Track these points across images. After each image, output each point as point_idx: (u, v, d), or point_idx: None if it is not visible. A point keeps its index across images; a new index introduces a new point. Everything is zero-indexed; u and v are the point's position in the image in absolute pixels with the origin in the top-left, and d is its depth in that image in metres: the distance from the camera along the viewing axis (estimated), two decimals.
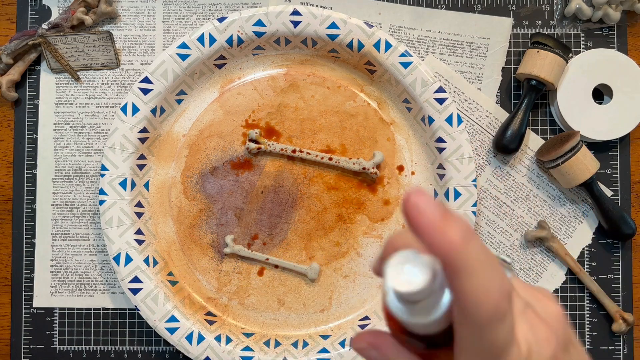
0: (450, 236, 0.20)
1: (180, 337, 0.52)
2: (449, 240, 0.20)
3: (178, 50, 0.53)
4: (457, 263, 0.20)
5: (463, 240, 0.20)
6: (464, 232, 0.20)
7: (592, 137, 0.55)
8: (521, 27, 0.57)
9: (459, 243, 0.20)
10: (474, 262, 0.20)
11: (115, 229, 0.52)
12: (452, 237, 0.20)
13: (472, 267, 0.20)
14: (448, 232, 0.20)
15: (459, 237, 0.20)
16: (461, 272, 0.20)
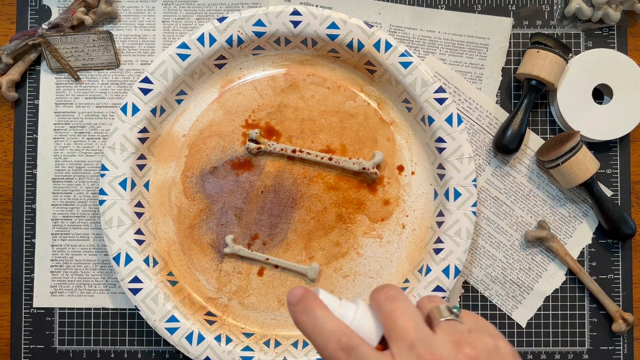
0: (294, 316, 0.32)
1: (180, 337, 0.52)
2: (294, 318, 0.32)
3: (178, 50, 0.53)
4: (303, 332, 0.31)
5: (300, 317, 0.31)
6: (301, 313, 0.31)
7: (592, 137, 0.55)
8: (521, 27, 0.57)
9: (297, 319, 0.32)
10: (307, 332, 0.31)
11: (115, 229, 0.52)
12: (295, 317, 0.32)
13: (308, 334, 0.31)
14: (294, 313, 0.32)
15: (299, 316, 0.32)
16: (306, 337, 0.31)
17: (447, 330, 0.31)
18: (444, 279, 0.52)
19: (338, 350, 0.30)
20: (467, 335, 0.31)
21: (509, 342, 0.32)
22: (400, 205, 0.55)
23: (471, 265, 0.56)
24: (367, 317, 0.32)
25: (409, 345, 0.29)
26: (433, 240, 0.53)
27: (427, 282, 0.52)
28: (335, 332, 0.30)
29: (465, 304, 0.56)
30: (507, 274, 0.56)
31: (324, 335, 0.30)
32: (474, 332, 0.31)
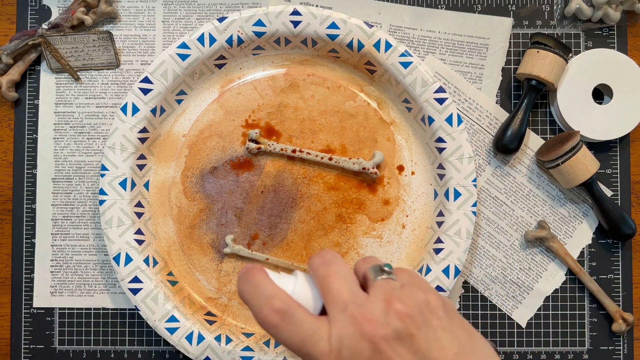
0: (238, 288, 0.33)
1: (180, 337, 0.52)
2: (238, 291, 0.33)
3: (178, 50, 0.53)
4: (244, 300, 0.33)
5: (242, 286, 0.33)
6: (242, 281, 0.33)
7: (592, 137, 0.55)
8: (521, 27, 0.57)
9: (240, 290, 0.33)
10: (246, 297, 0.32)
11: (115, 229, 0.52)
12: (238, 288, 0.33)
13: (247, 301, 0.32)
14: (238, 286, 0.33)
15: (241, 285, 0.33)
16: (246, 304, 0.32)
17: (380, 288, 0.32)
18: (444, 279, 0.52)
19: (272, 314, 0.30)
20: (398, 291, 0.31)
21: (440, 295, 0.33)
22: (400, 205, 0.55)
23: (471, 265, 0.56)
24: (306, 288, 0.33)
25: (342, 308, 0.30)
26: (433, 240, 0.53)
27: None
28: (271, 296, 0.31)
29: (465, 304, 0.56)
30: (507, 274, 0.56)
31: (260, 300, 0.31)
32: (405, 287, 0.32)
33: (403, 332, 0.30)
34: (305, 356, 0.31)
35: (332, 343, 0.30)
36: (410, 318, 0.30)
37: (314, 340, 0.30)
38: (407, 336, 0.30)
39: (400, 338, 0.30)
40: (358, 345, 0.29)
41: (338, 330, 0.30)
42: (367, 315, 0.30)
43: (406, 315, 0.30)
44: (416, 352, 0.30)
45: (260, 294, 0.31)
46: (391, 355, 0.29)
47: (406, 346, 0.30)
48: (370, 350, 0.29)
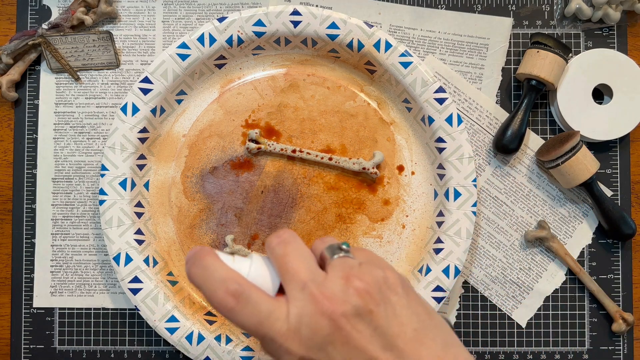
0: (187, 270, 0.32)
1: (180, 337, 0.52)
2: (188, 274, 0.32)
3: (178, 50, 0.53)
4: (195, 284, 0.31)
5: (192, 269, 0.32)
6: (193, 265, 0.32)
7: (592, 137, 0.55)
8: (521, 27, 0.57)
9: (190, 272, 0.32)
10: (198, 281, 0.31)
11: (115, 229, 0.52)
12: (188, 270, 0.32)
13: (199, 284, 0.31)
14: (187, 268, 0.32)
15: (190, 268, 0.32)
16: (198, 289, 0.32)
17: (338, 267, 0.32)
18: (444, 278, 0.52)
19: (227, 297, 0.30)
20: (357, 269, 0.31)
21: (398, 273, 0.33)
22: (400, 205, 0.55)
23: (471, 265, 0.56)
24: (263, 269, 0.32)
25: (301, 287, 0.30)
26: (433, 240, 0.53)
27: (427, 282, 0.52)
28: (225, 279, 0.31)
29: (465, 304, 0.56)
30: (507, 274, 0.56)
31: (213, 283, 0.31)
32: (363, 265, 0.32)
33: (362, 309, 0.30)
34: (262, 337, 0.30)
35: (290, 322, 0.30)
36: (369, 295, 0.30)
37: (270, 320, 0.30)
38: (367, 312, 0.30)
39: (359, 314, 0.30)
40: (317, 322, 0.29)
41: (297, 309, 0.30)
42: (326, 292, 0.30)
43: (365, 292, 0.30)
44: (376, 328, 0.30)
45: (212, 277, 0.31)
46: (350, 331, 0.30)
47: (365, 322, 0.30)
48: (330, 327, 0.29)
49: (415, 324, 0.31)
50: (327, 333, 0.29)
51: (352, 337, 0.30)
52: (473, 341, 0.55)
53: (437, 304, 0.52)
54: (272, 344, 0.30)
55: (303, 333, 0.30)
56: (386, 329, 0.30)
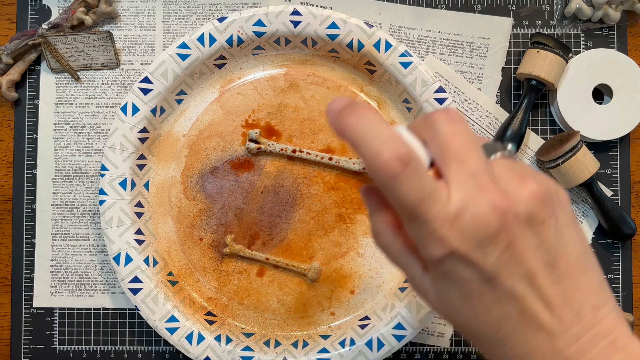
0: (340, 120, 0.27)
1: (180, 337, 0.52)
2: (339, 124, 0.27)
3: (178, 50, 0.53)
4: (349, 138, 0.26)
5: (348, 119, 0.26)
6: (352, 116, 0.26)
7: (592, 137, 0.55)
8: (521, 27, 0.57)
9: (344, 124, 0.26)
10: (357, 135, 0.26)
11: (115, 229, 0.52)
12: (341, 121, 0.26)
13: (357, 139, 0.26)
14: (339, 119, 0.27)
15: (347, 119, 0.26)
16: (353, 144, 0.26)
17: (507, 166, 0.27)
18: None
19: (394, 160, 0.25)
20: (530, 171, 0.27)
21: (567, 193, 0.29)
22: None
23: None
24: (417, 143, 0.27)
25: (470, 173, 0.26)
26: None
27: None
28: (394, 138, 0.25)
29: None
30: None
31: (379, 140, 0.25)
32: (533, 171, 0.28)
33: (535, 216, 0.26)
34: (416, 217, 0.26)
35: (452, 207, 0.25)
36: (543, 203, 0.26)
37: (432, 199, 0.25)
38: (539, 222, 0.26)
39: (531, 221, 0.26)
40: (486, 216, 0.25)
41: (463, 194, 0.25)
42: (498, 187, 0.26)
43: (541, 198, 0.26)
44: (542, 242, 0.26)
45: (378, 134, 0.25)
46: (518, 237, 0.26)
47: (534, 232, 0.26)
48: (498, 225, 0.25)
49: (580, 249, 0.28)
50: (493, 230, 0.25)
51: (518, 243, 0.26)
52: None
53: None
54: (424, 228, 0.26)
55: (466, 222, 0.25)
56: (553, 245, 0.27)
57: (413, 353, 0.56)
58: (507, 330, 0.27)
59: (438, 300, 0.29)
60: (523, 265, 0.26)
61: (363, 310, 0.54)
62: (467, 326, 0.28)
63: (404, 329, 0.51)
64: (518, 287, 0.26)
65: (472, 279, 0.26)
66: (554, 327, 0.27)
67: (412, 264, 0.29)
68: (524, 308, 0.27)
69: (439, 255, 0.26)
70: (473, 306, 0.27)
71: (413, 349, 0.56)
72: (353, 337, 0.52)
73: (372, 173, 0.26)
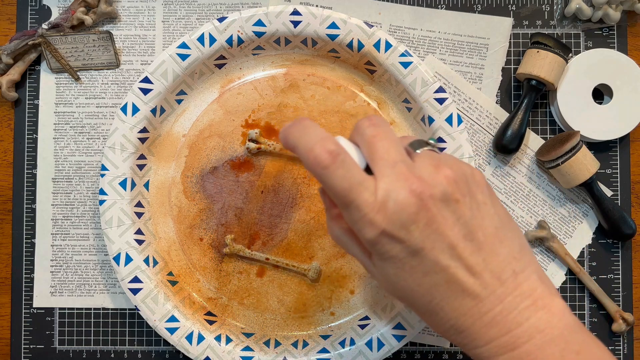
0: (284, 132, 0.33)
1: (180, 337, 0.52)
2: (283, 136, 0.33)
3: (178, 50, 0.53)
4: (289, 145, 0.32)
5: (289, 130, 0.32)
6: (291, 128, 0.32)
7: (592, 137, 0.55)
8: (521, 27, 0.57)
9: (287, 133, 0.32)
10: (295, 139, 0.31)
11: (115, 229, 0.53)
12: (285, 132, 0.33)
13: (295, 142, 0.31)
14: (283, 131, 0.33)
15: (288, 129, 0.32)
16: (293, 148, 0.32)
17: (426, 156, 0.32)
18: None
19: (324, 153, 0.30)
20: (445, 160, 0.32)
21: (483, 174, 0.34)
22: None
23: None
24: (351, 147, 0.33)
25: (391, 165, 0.31)
26: None
27: None
28: (324, 138, 0.31)
29: None
30: None
31: (312, 139, 0.31)
32: (450, 159, 0.32)
33: (450, 196, 0.30)
34: (348, 204, 0.30)
35: (378, 195, 0.30)
36: (457, 184, 0.31)
37: (361, 188, 0.30)
38: (453, 200, 0.30)
39: (446, 200, 0.30)
40: (405, 199, 0.30)
41: (385, 184, 0.30)
42: (416, 173, 0.30)
43: (454, 181, 0.31)
44: (459, 217, 0.31)
45: (312, 135, 0.31)
46: (436, 214, 0.30)
47: (451, 209, 0.30)
48: (417, 206, 0.30)
49: (497, 223, 0.32)
50: (413, 211, 0.30)
51: (437, 220, 0.30)
52: None
53: None
54: (357, 213, 0.30)
55: (390, 207, 0.30)
56: (469, 220, 0.31)
57: (413, 353, 0.56)
58: (439, 298, 0.31)
59: (381, 278, 0.33)
60: (443, 238, 0.30)
61: (363, 310, 0.54)
62: (405, 298, 0.33)
63: (404, 329, 0.51)
64: (441, 258, 0.30)
65: (402, 255, 0.31)
66: (478, 291, 0.31)
67: (359, 251, 0.34)
68: (449, 276, 0.31)
69: (372, 236, 0.30)
70: (407, 279, 0.31)
71: (413, 349, 0.56)
72: (353, 337, 0.52)
73: (307, 167, 0.31)
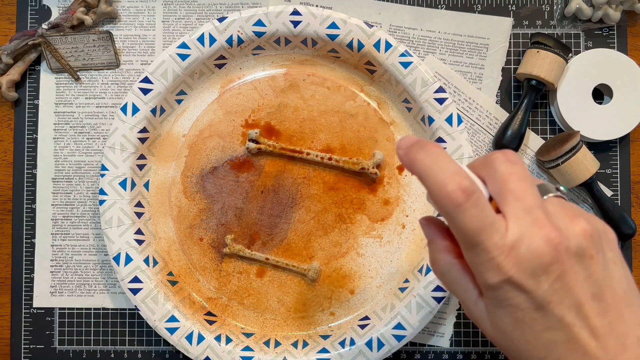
0: (410, 155, 0.30)
1: (180, 337, 0.52)
2: (408, 158, 0.30)
3: (178, 50, 0.53)
4: (417, 170, 0.29)
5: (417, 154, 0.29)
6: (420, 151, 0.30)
7: (592, 137, 0.55)
8: (521, 27, 0.57)
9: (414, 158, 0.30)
10: (425, 168, 0.29)
11: (115, 229, 0.52)
12: (411, 155, 0.30)
13: (425, 171, 0.29)
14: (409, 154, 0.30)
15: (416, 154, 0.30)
16: (420, 176, 0.29)
17: (558, 205, 0.30)
18: None
19: (458, 190, 0.28)
20: (579, 211, 0.30)
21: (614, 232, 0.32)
22: (400, 205, 0.55)
23: None
24: (475, 177, 0.31)
25: (526, 209, 0.29)
26: None
27: (427, 282, 0.52)
28: (459, 172, 0.28)
29: None
30: None
31: (445, 173, 0.28)
32: (583, 212, 0.31)
33: (584, 251, 0.29)
34: (476, 245, 0.28)
35: (509, 238, 0.28)
36: (592, 239, 0.29)
37: (492, 229, 0.28)
38: (588, 256, 0.29)
39: (580, 255, 0.29)
40: (540, 248, 0.28)
41: (518, 227, 0.28)
42: (552, 222, 0.29)
43: (590, 235, 0.29)
44: (590, 275, 0.29)
45: (444, 168, 0.29)
46: (569, 269, 0.28)
47: (583, 265, 0.29)
48: (551, 257, 0.28)
49: (625, 285, 0.30)
50: (546, 261, 0.28)
51: (569, 274, 0.28)
52: (473, 341, 0.56)
53: (437, 303, 0.52)
54: (483, 256, 0.28)
55: (521, 253, 0.28)
56: (600, 279, 0.29)
57: (413, 353, 0.56)
58: (555, 356, 0.29)
59: (491, 324, 0.31)
60: (572, 295, 0.28)
61: (363, 310, 0.54)
62: (517, 351, 0.30)
63: (404, 329, 0.51)
64: (567, 316, 0.29)
65: (524, 306, 0.29)
66: (599, 355, 0.29)
67: (468, 289, 0.32)
68: (572, 335, 0.29)
69: (496, 281, 0.28)
70: (524, 331, 0.29)
71: (413, 349, 0.56)
72: (353, 337, 0.52)
73: (437, 202, 0.29)
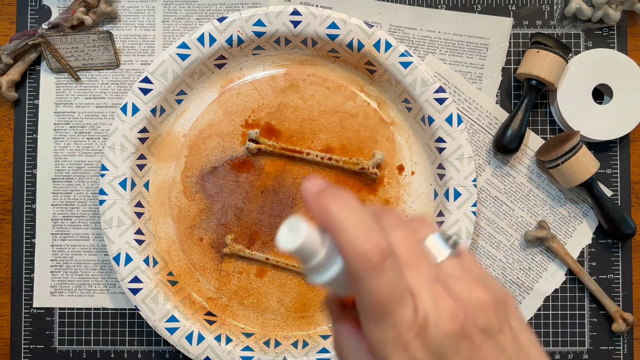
0: (320, 203, 0.26)
1: (180, 337, 0.52)
2: (320, 206, 0.26)
3: (178, 50, 0.53)
4: (326, 223, 0.25)
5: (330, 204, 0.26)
6: (334, 199, 0.26)
7: (592, 137, 0.55)
8: (521, 27, 0.57)
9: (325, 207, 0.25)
10: (338, 222, 0.25)
11: (115, 229, 0.52)
12: (322, 204, 0.26)
13: (341, 223, 0.25)
14: (320, 200, 0.26)
15: (328, 203, 0.26)
16: (331, 229, 0.25)
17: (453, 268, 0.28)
18: None
19: (375, 251, 0.25)
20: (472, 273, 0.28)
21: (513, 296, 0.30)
22: (400, 205, 0.55)
23: None
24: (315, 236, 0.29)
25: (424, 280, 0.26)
26: None
27: None
28: (375, 230, 0.25)
29: None
30: (507, 274, 0.56)
31: (361, 230, 0.25)
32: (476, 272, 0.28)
33: (492, 325, 0.26)
34: (384, 318, 0.25)
35: (418, 315, 0.25)
36: (496, 311, 0.27)
37: (403, 301, 0.25)
38: (496, 330, 0.26)
39: (488, 330, 0.26)
40: (446, 325, 0.25)
41: (424, 302, 0.25)
42: (452, 294, 0.26)
43: (494, 307, 0.27)
44: (503, 351, 0.26)
45: (363, 223, 0.25)
46: (481, 345, 0.26)
47: (493, 342, 0.26)
48: (460, 335, 0.25)
49: (536, 353, 0.28)
50: (456, 341, 0.25)
51: (481, 352, 0.26)
52: None
53: None
54: (390, 332, 0.25)
55: (431, 333, 0.25)
56: (513, 354, 0.27)
57: None
58: None
59: None
60: None
61: None
62: None
63: None
64: None
65: None
66: None
67: None
68: None
69: None
70: None
71: None
72: None
73: (349, 261, 0.25)
